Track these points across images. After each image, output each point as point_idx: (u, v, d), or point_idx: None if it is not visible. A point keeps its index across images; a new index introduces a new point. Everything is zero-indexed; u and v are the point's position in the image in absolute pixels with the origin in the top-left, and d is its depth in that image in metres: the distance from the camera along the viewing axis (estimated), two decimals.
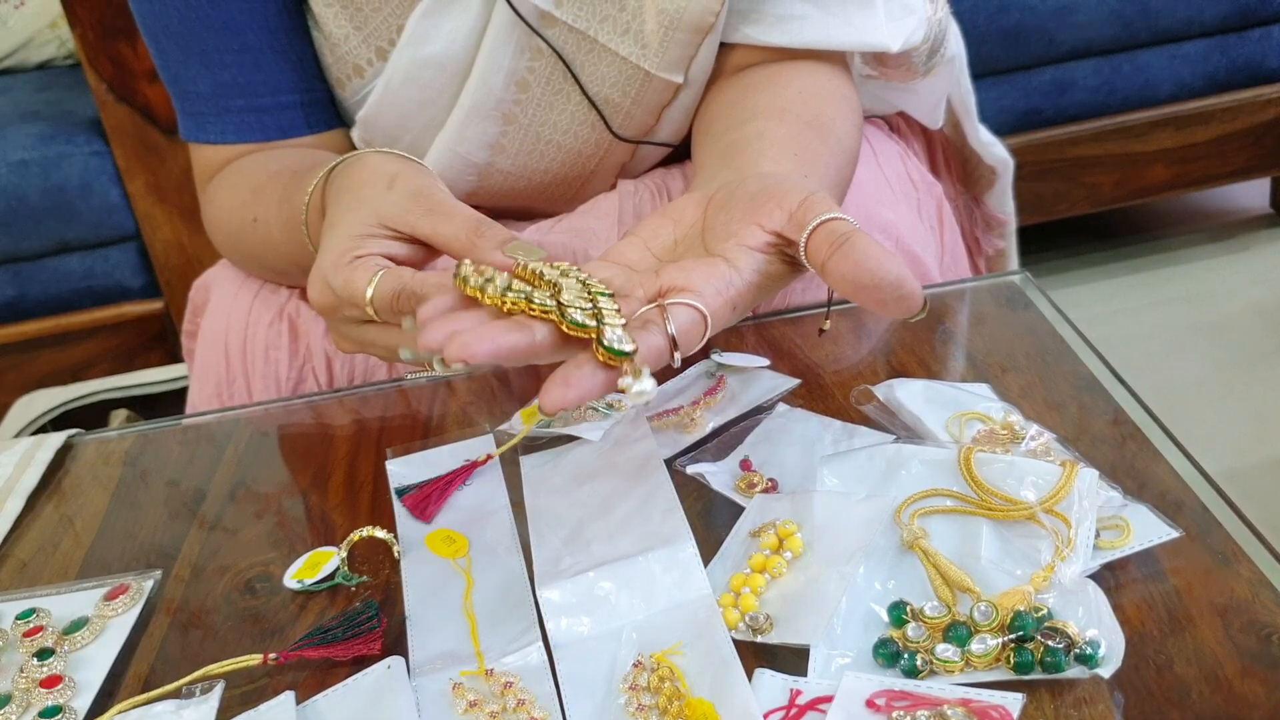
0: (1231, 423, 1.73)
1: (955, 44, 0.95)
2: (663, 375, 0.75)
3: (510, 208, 0.91)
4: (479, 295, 0.53)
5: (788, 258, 0.56)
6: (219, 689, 0.55)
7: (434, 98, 0.83)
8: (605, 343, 0.49)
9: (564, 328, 0.50)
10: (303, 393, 0.86)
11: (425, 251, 0.66)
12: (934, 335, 0.78)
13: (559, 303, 0.51)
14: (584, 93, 0.82)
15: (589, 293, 0.52)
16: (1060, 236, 2.20)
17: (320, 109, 0.87)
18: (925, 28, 0.85)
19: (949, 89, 0.98)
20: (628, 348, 0.49)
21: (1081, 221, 2.14)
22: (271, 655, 0.56)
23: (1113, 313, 2.03)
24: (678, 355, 0.52)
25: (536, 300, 0.51)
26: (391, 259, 0.64)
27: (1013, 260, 1.14)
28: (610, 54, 0.81)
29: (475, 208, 0.66)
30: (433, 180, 0.64)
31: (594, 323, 0.50)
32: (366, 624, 0.57)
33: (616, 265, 0.59)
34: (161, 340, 1.96)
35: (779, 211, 0.55)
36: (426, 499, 0.66)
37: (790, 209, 0.55)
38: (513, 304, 0.51)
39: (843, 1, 0.80)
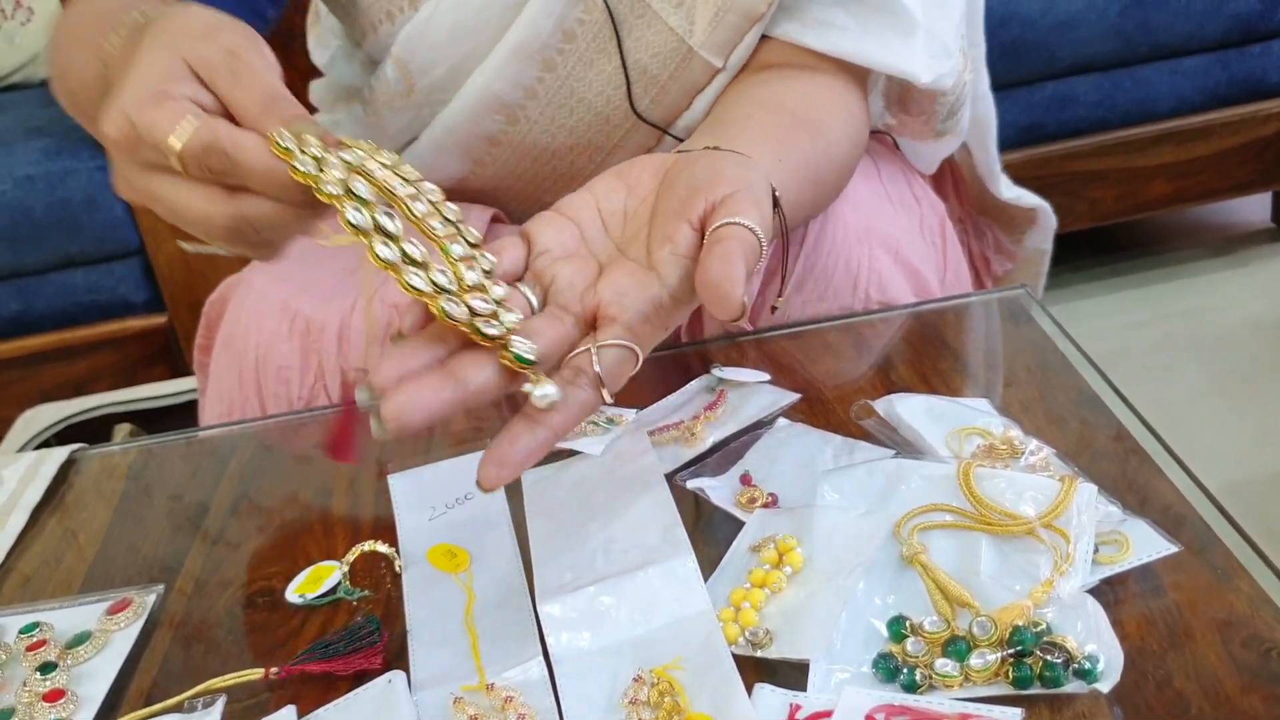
0: (1232, 436, 1.73)
1: (983, 108, 0.98)
2: (665, 389, 0.75)
3: (516, 185, 0.91)
4: (313, 185, 0.50)
5: None
6: (220, 703, 0.55)
7: (480, 27, 0.83)
8: (514, 351, 0.50)
9: (462, 328, 0.50)
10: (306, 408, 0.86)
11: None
12: (934, 350, 0.78)
13: (473, 311, 0.50)
14: (622, 59, 0.82)
15: (443, 218, 0.52)
16: (1061, 251, 2.19)
17: None
18: (955, 77, 0.86)
19: (948, 151, 1.00)
20: (530, 357, 0.50)
21: (1082, 236, 2.14)
22: (273, 670, 0.56)
23: (1113, 327, 2.03)
24: (606, 393, 0.52)
25: (414, 282, 0.49)
26: (200, 107, 0.57)
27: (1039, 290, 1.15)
28: (660, 23, 0.81)
29: (481, 187, 0.65)
30: (252, 43, 0.58)
31: (500, 330, 0.50)
32: (368, 638, 0.57)
33: (567, 223, 0.58)
34: (165, 355, 1.96)
35: (704, 206, 0.56)
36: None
37: (713, 202, 0.55)
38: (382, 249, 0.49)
39: (884, 25, 0.80)
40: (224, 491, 0.75)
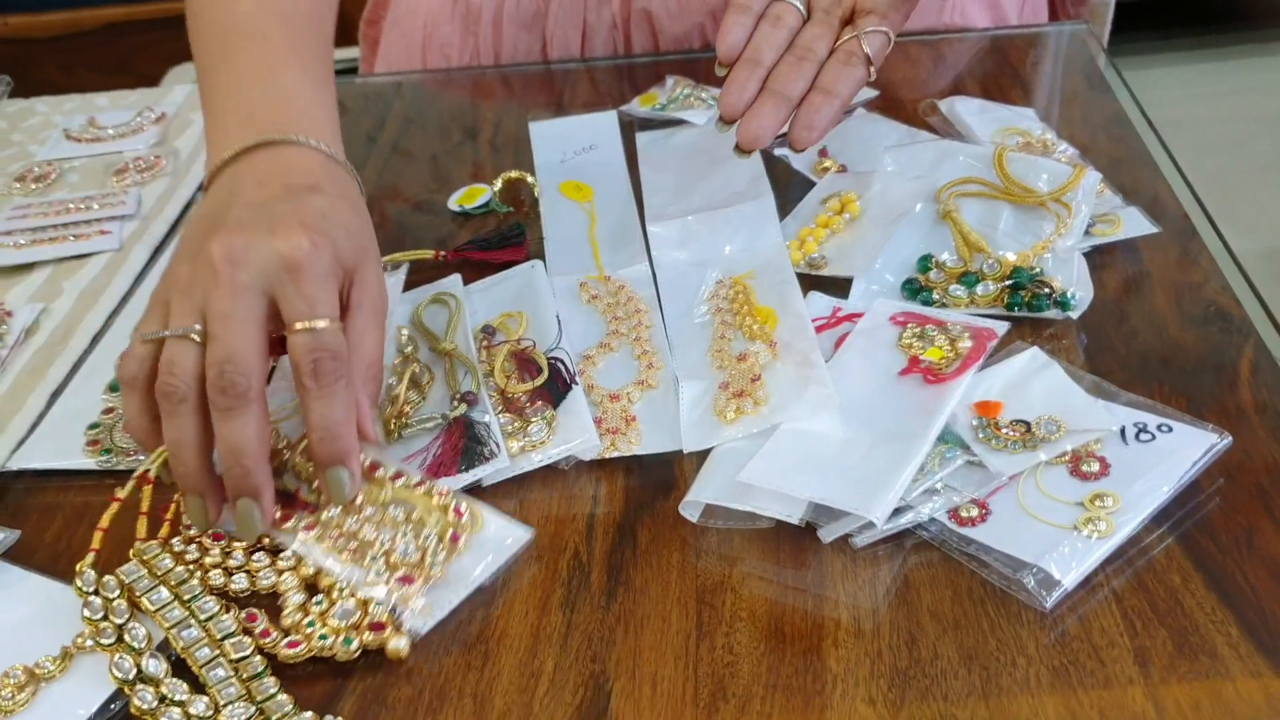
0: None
1: None
2: None
3: None
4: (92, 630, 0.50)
5: None
6: (404, 268, 0.72)
7: None
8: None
9: None
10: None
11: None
12: (998, 69, 0.90)
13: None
14: None
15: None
16: (1149, 18, 2.22)
17: None
18: None
19: None
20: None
21: (1171, 3, 2.16)
22: (442, 252, 0.73)
23: (1192, 95, 2.08)
24: (873, 71, 0.65)
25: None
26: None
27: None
28: None
29: None
30: (377, 282, 0.56)
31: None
32: (515, 238, 0.73)
33: None
34: None
35: None
36: None
37: None
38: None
39: None
40: (389, 128, 0.90)
